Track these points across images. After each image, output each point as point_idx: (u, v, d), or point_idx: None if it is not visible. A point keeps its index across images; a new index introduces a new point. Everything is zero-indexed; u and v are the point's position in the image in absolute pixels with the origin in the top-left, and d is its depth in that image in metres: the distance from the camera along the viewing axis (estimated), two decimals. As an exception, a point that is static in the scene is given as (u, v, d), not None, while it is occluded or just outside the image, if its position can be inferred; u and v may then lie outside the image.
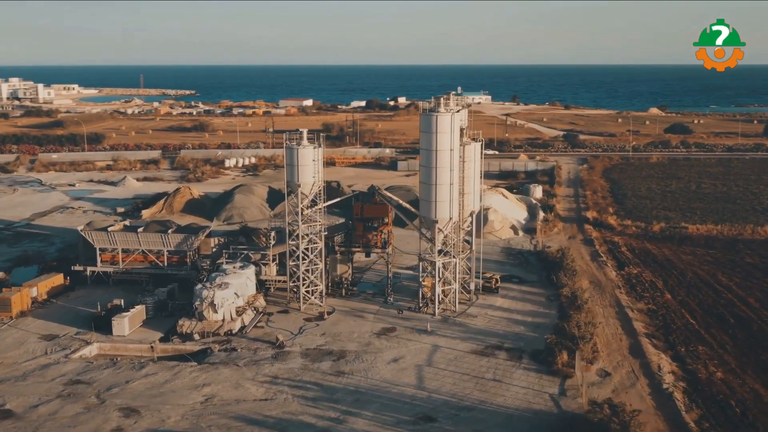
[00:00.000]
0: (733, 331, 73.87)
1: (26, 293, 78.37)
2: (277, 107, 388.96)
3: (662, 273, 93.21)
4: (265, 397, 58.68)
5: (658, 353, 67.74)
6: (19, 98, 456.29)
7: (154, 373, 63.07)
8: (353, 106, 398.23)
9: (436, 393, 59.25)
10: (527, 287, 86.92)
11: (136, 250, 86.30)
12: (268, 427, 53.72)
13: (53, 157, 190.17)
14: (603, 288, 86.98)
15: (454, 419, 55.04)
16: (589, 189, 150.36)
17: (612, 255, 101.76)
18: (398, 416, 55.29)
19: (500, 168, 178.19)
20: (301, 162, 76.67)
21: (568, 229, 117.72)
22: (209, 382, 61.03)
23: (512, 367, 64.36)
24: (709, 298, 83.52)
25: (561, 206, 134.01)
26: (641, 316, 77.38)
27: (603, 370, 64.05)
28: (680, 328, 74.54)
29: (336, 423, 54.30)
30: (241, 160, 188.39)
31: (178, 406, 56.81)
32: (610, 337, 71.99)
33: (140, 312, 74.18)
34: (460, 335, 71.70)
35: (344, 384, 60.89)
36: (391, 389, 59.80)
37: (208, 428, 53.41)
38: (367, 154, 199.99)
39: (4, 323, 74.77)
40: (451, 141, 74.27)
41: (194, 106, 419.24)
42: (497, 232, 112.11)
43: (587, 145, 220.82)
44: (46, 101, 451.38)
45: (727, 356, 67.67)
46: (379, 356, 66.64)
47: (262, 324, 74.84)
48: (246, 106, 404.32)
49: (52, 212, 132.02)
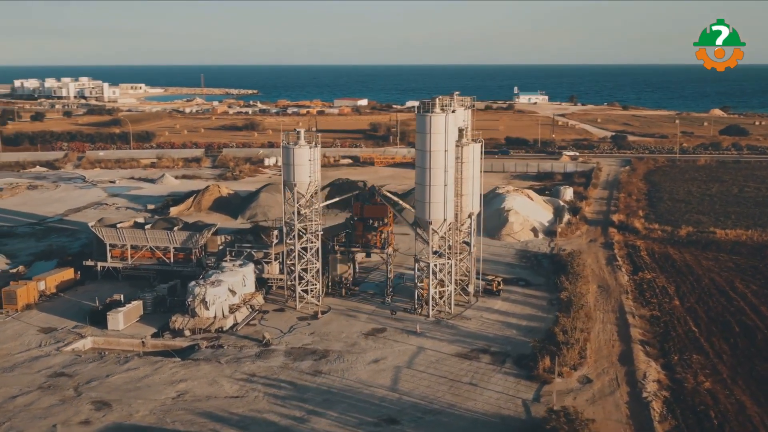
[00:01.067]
0: (735, 341, 71.51)
1: (33, 287, 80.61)
2: (332, 107, 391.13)
3: (677, 279, 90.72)
4: (237, 394, 59.18)
5: (648, 361, 65.97)
6: (85, 97, 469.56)
7: (136, 367, 64.21)
8: (408, 105, 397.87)
9: (407, 395, 58.86)
10: (531, 290, 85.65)
11: (144, 247, 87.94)
12: (231, 424, 54.15)
13: (100, 154, 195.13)
14: (610, 293, 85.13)
15: (417, 422, 54.62)
16: (624, 191, 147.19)
17: (629, 259, 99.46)
18: (362, 417, 55.13)
19: (539, 169, 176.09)
20: (297, 161, 77.07)
21: (592, 232, 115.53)
22: (186, 378, 61.85)
23: (493, 372, 63.53)
24: (719, 306, 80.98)
25: (590, 209, 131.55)
26: (641, 323, 75.45)
27: (585, 377, 62.70)
28: (680, 335, 72.47)
29: (298, 422, 54.45)
30: (280, 159, 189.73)
31: (149, 401, 57.72)
32: (603, 343, 70.44)
33: (137, 307, 75.58)
34: (448, 338, 71.08)
35: (318, 384, 60.99)
36: (363, 390, 59.68)
37: (172, 423, 54.14)
38: (407, 154, 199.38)
39: (9, 315, 76.99)
40: (445, 142, 73.59)
41: (252, 105, 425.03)
42: (516, 234, 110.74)
43: (634, 147, 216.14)
44: (110, 100, 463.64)
45: (721, 366, 65.54)
46: (361, 357, 66.53)
47: (255, 322, 75.47)
48: (302, 106, 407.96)
49: (86, 208, 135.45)
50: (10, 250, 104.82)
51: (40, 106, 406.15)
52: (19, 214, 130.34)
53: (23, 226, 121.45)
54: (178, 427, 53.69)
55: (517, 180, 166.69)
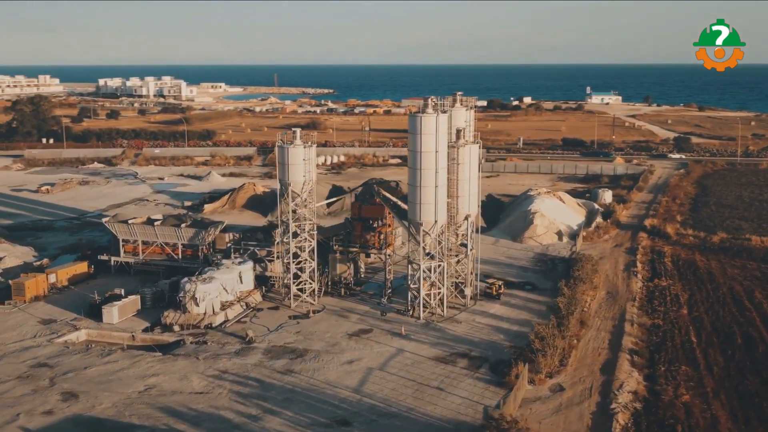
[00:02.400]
0: (733, 353, 68.57)
1: (42, 279, 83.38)
2: (400, 106, 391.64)
3: (694, 286, 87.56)
4: (203, 390, 59.92)
5: (631, 371, 63.83)
6: (163, 96, 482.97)
7: (115, 360, 65.73)
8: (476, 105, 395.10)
9: (369, 397, 58.54)
10: (535, 295, 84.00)
11: (154, 243, 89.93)
12: (185, 419, 54.88)
13: (156, 151, 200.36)
14: (616, 299, 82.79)
15: (369, 425, 54.27)
16: (669, 195, 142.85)
17: (650, 265, 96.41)
18: (316, 418, 55.09)
19: (587, 171, 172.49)
20: (291, 161, 77.52)
21: (621, 236, 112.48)
22: (159, 373, 62.97)
23: (465, 376, 62.59)
24: (729, 316, 77.77)
25: (627, 213, 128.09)
26: (639, 331, 73.06)
27: (559, 385, 61.14)
28: (675, 346, 69.89)
29: (251, 420, 54.77)
30: (330, 158, 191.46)
31: (116, 394, 58.99)
32: (590, 351, 68.55)
33: (133, 302, 77.34)
34: (431, 341, 70.35)
35: (285, 382, 61.24)
36: (326, 391, 59.63)
37: (129, 417, 55.20)
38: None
39: (16, 306, 79.83)
40: (436, 142, 72.83)
41: (323, 105, 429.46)
42: (539, 237, 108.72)
43: (695, 149, 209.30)
44: (187, 99, 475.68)
45: (708, 379, 62.91)
46: (337, 357, 66.49)
47: (246, 319, 76.24)
48: (371, 105, 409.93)
49: (128, 204, 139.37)
50: (41, 243, 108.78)
51: (119, 105, 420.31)
52: (63, 209, 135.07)
53: (63, 220, 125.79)
54: (134, 420, 54.67)
55: (562, 182, 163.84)
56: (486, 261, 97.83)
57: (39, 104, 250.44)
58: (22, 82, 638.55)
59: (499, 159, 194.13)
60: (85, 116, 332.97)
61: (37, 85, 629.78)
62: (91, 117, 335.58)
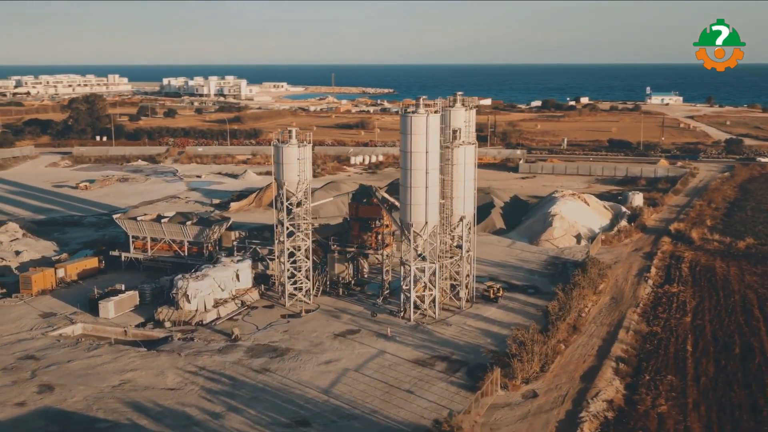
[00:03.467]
0: (727, 363, 66.24)
1: (49, 273, 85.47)
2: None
3: (705, 293, 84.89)
4: (175, 386, 60.59)
5: (613, 379, 62.15)
6: (224, 95, 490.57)
7: (99, 355, 66.96)
8: (532, 105, 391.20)
9: (336, 398, 58.36)
10: (535, 299, 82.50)
11: (162, 240, 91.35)
12: (149, 414, 55.58)
13: (199, 150, 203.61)
14: (619, 305, 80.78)
15: (327, 426, 54.10)
16: (705, 199, 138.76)
17: (665, 271, 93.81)
18: (277, 417, 55.17)
19: (627, 173, 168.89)
20: (285, 160, 77.78)
21: (643, 240, 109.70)
22: (137, 368, 63.91)
23: (440, 380, 61.88)
24: (733, 325, 75.17)
25: (656, 216, 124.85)
26: (633, 339, 71.09)
27: (533, 391, 59.93)
28: (667, 354, 67.85)
29: (213, 418, 55.15)
30: (368, 158, 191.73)
31: (90, 388, 60.10)
32: (576, 357, 67.00)
33: (131, 297, 78.65)
34: (415, 343, 69.75)
35: (257, 381, 61.49)
36: (295, 390, 59.66)
37: (96, 410, 56.17)
38: (498, 155, 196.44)
39: (22, 299, 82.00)
40: (427, 143, 72.16)
41: (379, 104, 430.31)
42: (556, 240, 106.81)
43: (745, 152, 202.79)
44: (247, 98, 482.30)
45: (692, 389, 60.89)
46: (317, 357, 66.48)
47: (239, 317, 76.78)
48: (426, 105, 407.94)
49: (159, 201, 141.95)
50: (66, 238, 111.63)
51: (179, 104, 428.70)
52: (97, 205, 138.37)
53: (92, 216, 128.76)
54: (100, 414, 55.60)
55: (599, 184, 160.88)
56: (495, 263, 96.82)
57: (93, 103, 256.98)
58: (92, 81, 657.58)
59: (539, 160, 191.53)
60: (143, 115, 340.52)
61: (106, 84, 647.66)
62: (149, 115, 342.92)
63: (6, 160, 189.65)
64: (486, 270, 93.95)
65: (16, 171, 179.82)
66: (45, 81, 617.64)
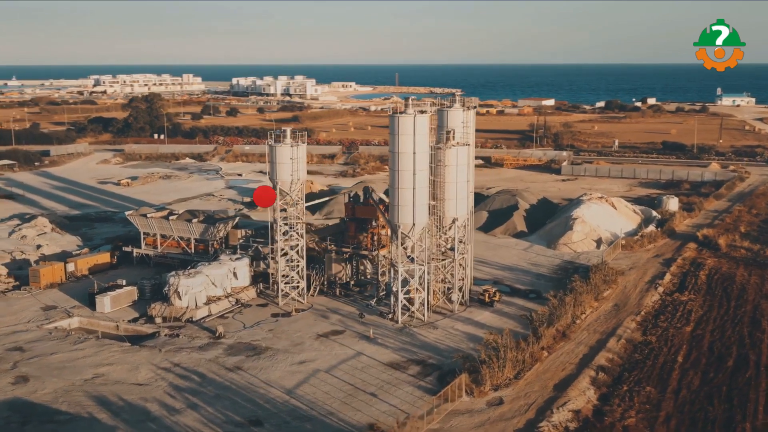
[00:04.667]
0: (715, 376, 63.63)
1: (58, 268, 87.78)
2: (515, 106, 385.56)
3: (716, 302, 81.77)
4: (144, 381, 61.40)
5: (587, 389, 60.35)
6: (290, 94, 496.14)
7: (83, 348, 68.36)
8: (597, 106, 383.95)
9: (297, 399, 58.25)
10: (534, 304, 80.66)
11: (170, 236, 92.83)
12: (110, 409, 56.43)
13: (245, 148, 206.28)
14: (619, 312, 78.45)
15: (280, 427, 54.01)
16: (746, 205, 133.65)
17: (680, 278, 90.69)
18: (232, 416, 55.35)
19: (672, 176, 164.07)
20: (278, 160, 78.13)
21: (667, 246, 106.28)
22: (114, 363, 65.00)
23: (408, 384, 61.15)
24: (735, 336, 72.24)
25: (690, 221, 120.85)
26: (622, 347, 68.94)
27: (500, 398, 58.67)
28: (655, 365, 65.57)
29: (170, 414, 55.68)
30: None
31: (62, 380, 61.40)
32: (557, 365, 65.28)
33: (128, 293, 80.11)
34: (396, 346, 69.11)
35: (226, 379, 61.85)
36: (259, 390, 59.76)
37: (59, 403, 57.33)
38: (543, 156, 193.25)
39: (29, 292, 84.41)
40: (414, 144, 71.38)
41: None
42: (574, 244, 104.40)
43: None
44: (312, 97, 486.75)
45: (669, 402, 58.72)
46: (293, 357, 66.48)
47: (230, 315, 77.37)
48: (487, 105, 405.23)
49: (193, 199, 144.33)
50: (93, 233, 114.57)
51: (244, 103, 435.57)
52: (134, 201, 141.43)
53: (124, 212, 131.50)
54: (63, 407, 56.72)
55: (641, 187, 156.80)
56: (505, 267, 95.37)
57: (152, 102, 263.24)
58: (167, 80, 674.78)
59: (585, 162, 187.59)
60: (206, 113, 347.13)
61: (180, 83, 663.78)
62: (211, 114, 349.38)
63: (61, 157, 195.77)
64: (493, 273, 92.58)
65: (68, 167, 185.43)
66: (122, 80, 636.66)
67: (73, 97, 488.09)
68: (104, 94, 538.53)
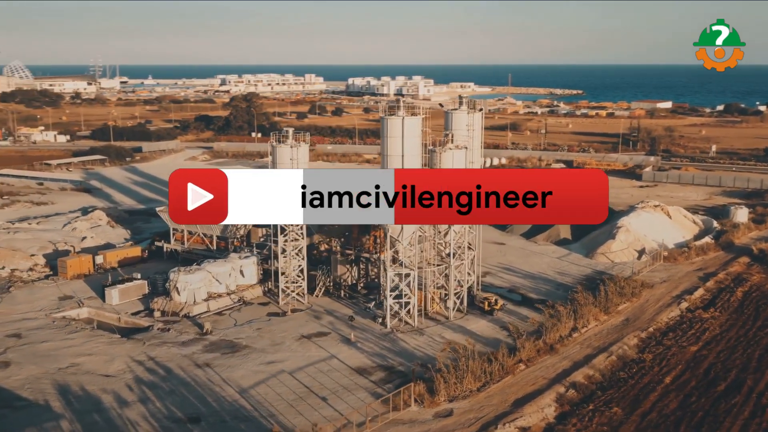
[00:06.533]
0: (697, 400, 59.53)
1: (86, 259, 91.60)
2: (629, 108, 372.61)
3: (742, 322, 76.57)
4: (113, 373, 63.20)
5: (547, 406, 57.72)
6: (402, 94, 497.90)
7: (73, 338, 71.07)
8: (716, 109, 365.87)
9: (246, 398, 58.52)
10: (537, 315, 77.74)
11: (196, 233, 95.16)
12: (66, 398, 58.38)
13: (328, 148, 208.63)
14: (626, 327, 74.59)
15: (215, 426, 54.40)
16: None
17: (715, 294, 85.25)
18: (175, 413, 56.14)
19: (761, 185, 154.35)
20: (279, 160, 78.55)
21: (716, 259, 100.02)
22: (94, 353, 67.24)
23: (364, 390, 60.30)
24: (742, 359, 67.43)
25: (755, 234, 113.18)
26: (608, 364, 65.46)
27: (450, 410, 56.93)
28: (637, 385, 61.99)
29: (119, 407, 57.04)
30: (490, 161, 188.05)
31: (39, 368, 63.97)
32: (530, 379, 62.68)
33: (138, 286, 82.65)
34: (373, 350, 68.25)
35: (189, 375, 62.82)
36: (214, 388, 60.37)
37: (23, 389, 59.80)
38: (629, 161, 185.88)
39: (55, 282, 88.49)
40: (402, 146, 70.27)
41: (555, 106, 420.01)
42: (612, 253, 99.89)
43: None
44: (424, 97, 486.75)
45: (630, 425, 55.44)
46: (265, 357, 66.80)
47: (227, 312, 78.50)
48: (600, 107, 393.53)
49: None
50: (145, 227, 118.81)
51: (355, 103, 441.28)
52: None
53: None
54: (25, 394, 59.14)
55: (722, 196, 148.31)
56: (528, 274, 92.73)
57: (251, 101, 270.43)
58: (289, 80, 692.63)
59: (673, 168, 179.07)
60: (313, 113, 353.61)
61: (303, 83, 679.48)
62: (318, 114, 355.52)
63: (152, 153, 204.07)
64: (513, 281, 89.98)
65: (156, 163, 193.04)
66: (246, 80, 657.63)
67: (196, 96, 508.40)
68: (227, 93, 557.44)
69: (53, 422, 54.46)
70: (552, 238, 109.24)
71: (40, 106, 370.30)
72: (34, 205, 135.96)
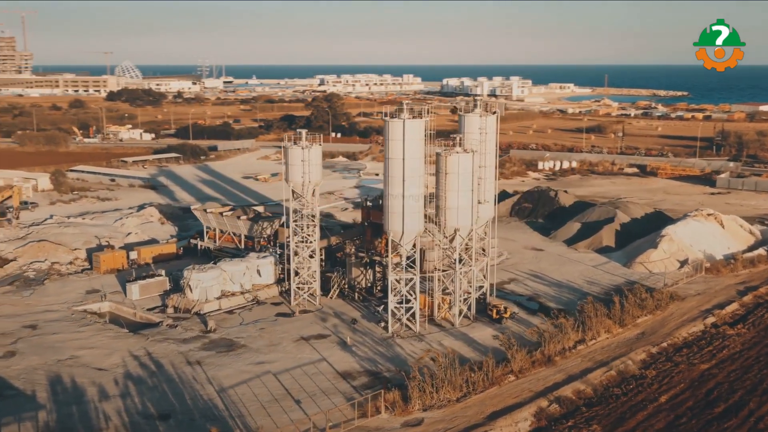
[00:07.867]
0: (687, 422, 56.61)
1: (120, 255, 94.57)
2: (728, 111, 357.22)
3: (765, 341, 72.30)
4: (107, 367, 65.00)
5: (523, 420, 56.00)
6: (495, 95, 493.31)
7: (83, 331, 73.43)
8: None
9: (222, 398, 59.14)
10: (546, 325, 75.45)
11: (226, 232, 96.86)
12: (54, 388, 60.36)
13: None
14: (639, 341, 71.57)
15: (182, 423, 55.17)
16: None
17: (749, 310, 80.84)
18: (149, 409, 57.22)
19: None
20: (291, 161, 78.94)
21: (765, 273, 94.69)
22: (96, 347, 69.31)
23: (341, 395, 59.98)
24: (755, 380, 63.63)
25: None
26: (604, 379, 62.90)
27: (420, 419, 55.94)
28: (628, 402, 59.38)
29: (101, 399, 58.60)
30: (559, 164, 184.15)
31: (41, 359, 66.39)
32: (515, 391, 60.86)
33: (159, 282, 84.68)
34: (365, 355, 67.80)
35: (177, 372, 63.93)
36: (195, 386, 61.22)
37: (20, 379, 62.12)
38: (707, 167, 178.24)
39: (88, 276, 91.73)
40: (404, 149, 69.48)
41: (652, 108, 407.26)
42: (651, 263, 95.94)
43: None
44: (517, 98, 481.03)
45: (606, 445, 53.03)
46: (257, 357, 67.34)
47: (238, 311, 79.49)
48: (698, 110, 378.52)
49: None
50: (194, 224, 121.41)
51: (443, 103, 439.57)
52: (258, 196, 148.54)
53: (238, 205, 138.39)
54: (18, 383, 61.42)
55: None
56: (555, 282, 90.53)
57: (332, 101, 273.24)
58: (387, 80, 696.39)
59: (753, 175, 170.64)
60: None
61: (400, 83, 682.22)
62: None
63: (226, 152, 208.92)
64: (537, 288, 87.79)
65: (228, 162, 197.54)
66: (345, 80, 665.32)
67: (292, 96, 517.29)
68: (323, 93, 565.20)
69: (32, 412, 56.28)
70: (594, 246, 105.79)
71: (143, 105, 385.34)
72: (99, 200, 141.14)
